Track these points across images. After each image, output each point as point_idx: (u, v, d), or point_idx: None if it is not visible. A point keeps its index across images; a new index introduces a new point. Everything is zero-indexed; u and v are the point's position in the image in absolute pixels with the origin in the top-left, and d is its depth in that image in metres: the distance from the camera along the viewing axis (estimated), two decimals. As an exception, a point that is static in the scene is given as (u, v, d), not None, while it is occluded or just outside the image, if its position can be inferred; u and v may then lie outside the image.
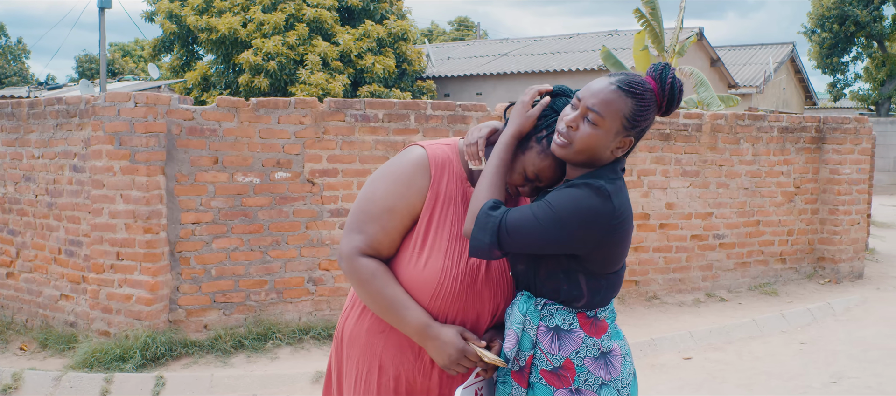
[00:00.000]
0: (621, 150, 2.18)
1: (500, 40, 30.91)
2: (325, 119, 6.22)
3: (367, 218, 2.26)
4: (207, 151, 5.89)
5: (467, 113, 6.70)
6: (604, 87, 2.13)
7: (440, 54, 27.96)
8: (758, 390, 5.44)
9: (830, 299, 7.81)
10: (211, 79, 19.90)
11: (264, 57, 17.94)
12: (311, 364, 5.65)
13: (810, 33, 35.51)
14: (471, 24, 52.60)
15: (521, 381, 2.21)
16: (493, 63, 24.73)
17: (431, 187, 2.25)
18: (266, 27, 18.45)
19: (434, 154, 2.28)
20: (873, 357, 6.10)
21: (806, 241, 8.71)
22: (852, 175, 8.68)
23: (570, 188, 2.12)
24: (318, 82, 17.50)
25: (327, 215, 6.28)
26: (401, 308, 2.22)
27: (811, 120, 8.69)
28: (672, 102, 2.14)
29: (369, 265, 2.24)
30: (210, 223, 5.93)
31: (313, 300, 6.28)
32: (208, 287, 5.96)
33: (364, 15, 20.76)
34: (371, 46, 19.45)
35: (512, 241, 2.10)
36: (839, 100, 38.45)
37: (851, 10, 33.52)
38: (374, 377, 2.32)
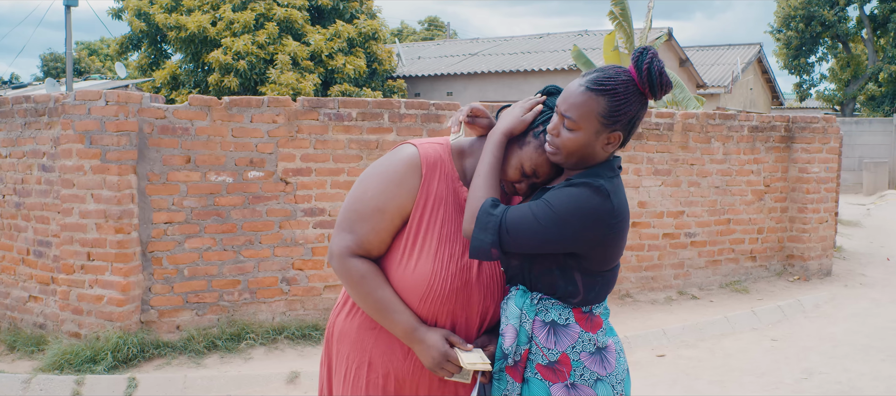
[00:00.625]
0: (612, 146, 2.18)
1: (471, 40, 30.93)
2: (298, 118, 6.19)
3: (357, 218, 2.25)
4: (180, 150, 5.83)
5: (441, 112, 6.69)
6: (573, 91, 2.15)
7: (410, 54, 27.92)
8: (731, 386, 5.49)
9: (800, 296, 7.91)
10: (180, 78, 19.70)
11: (234, 56, 17.80)
12: (285, 365, 5.62)
13: (777, 33, 35.94)
14: (441, 24, 52.59)
15: (516, 376, 2.21)
16: (464, 63, 24.74)
17: (422, 187, 2.24)
18: (236, 26, 18.32)
19: (425, 153, 2.27)
20: (843, 353, 6.19)
21: (776, 239, 8.81)
22: (821, 173, 8.80)
23: (570, 187, 2.12)
24: (289, 82, 17.40)
25: (301, 214, 6.24)
26: (389, 310, 2.23)
27: (780, 119, 8.80)
28: (654, 85, 2.12)
29: (360, 266, 2.23)
30: (182, 222, 5.87)
31: (287, 300, 6.24)
32: (181, 287, 5.90)
33: (334, 14, 20.68)
34: (341, 46, 19.38)
35: (512, 241, 2.10)
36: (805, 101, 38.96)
37: (817, 10, 33.97)
38: (363, 373, 2.32)
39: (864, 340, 6.53)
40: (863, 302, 7.93)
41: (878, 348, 6.32)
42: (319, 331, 6.18)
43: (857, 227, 13.66)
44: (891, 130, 23.46)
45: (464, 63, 24.69)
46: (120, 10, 21.25)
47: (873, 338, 6.59)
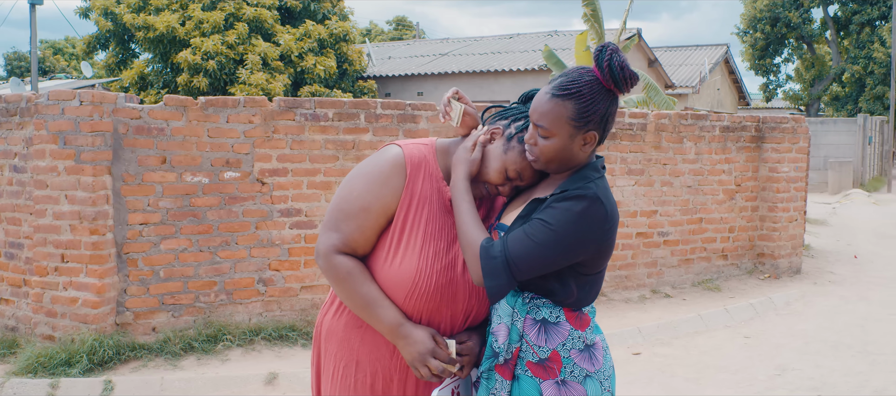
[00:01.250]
0: (590, 145, 2.21)
1: (441, 40, 30.97)
2: (274, 118, 6.16)
3: (343, 217, 2.28)
4: (155, 151, 5.78)
5: (417, 112, 6.70)
6: (541, 100, 2.18)
7: (381, 54, 27.89)
8: (706, 383, 5.56)
9: (771, 294, 8.03)
10: (148, 78, 19.51)
11: (203, 56, 17.66)
12: (262, 366, 5.60)
13: (743, 35, 36.40)
14: (409, 24, 52.58)
15: (506, 374, 2.22)
16: (434, 63, 24.76)
17: (406, 187, 2.27)
18: (205, 26, 18.17)
19: (410, 153, 2.30)
20: (814, 350, 6.29)
21: (746, 238, 8.93)
22: (790, 173, 8.93)
23: (565, 201, 2.13)
24: (259, 82, 17.30)
25: (277, 215, 6.22)
26: (375, 306, 2.25)
27: (751, 119, 8.92)
28: (618, 80, 2.12)
29: (345, 263, 2.26)
30: (158, 223, 5.82)
31: (263, 301, 6.21)
32: (156, 288, 5.85)
33: (304, 15, 20.59)
34: (312, 47, 19.30)
35: (523, 272, 2.13)
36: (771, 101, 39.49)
37: (782, 12, 34.47)
38: (351, 372, 2.33)
39: (835, 337, 6.64)
40: (832, 299, 8.06)
41: (848, 345, 6.43)
42: (296, 332, 6.16)
43: (824, 226, 13.87)
44: (855, 130, 23.84)
45: (434, 63, 24.70)
46: (87, 10, 20.99)
47: (844, 335, 6.70)
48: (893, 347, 6.35)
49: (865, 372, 5.76)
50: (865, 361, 6.01)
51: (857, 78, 32.19)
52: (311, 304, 6.36)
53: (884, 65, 30.20)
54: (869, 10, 32.56)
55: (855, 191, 21.32)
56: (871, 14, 32.41)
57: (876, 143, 26.73)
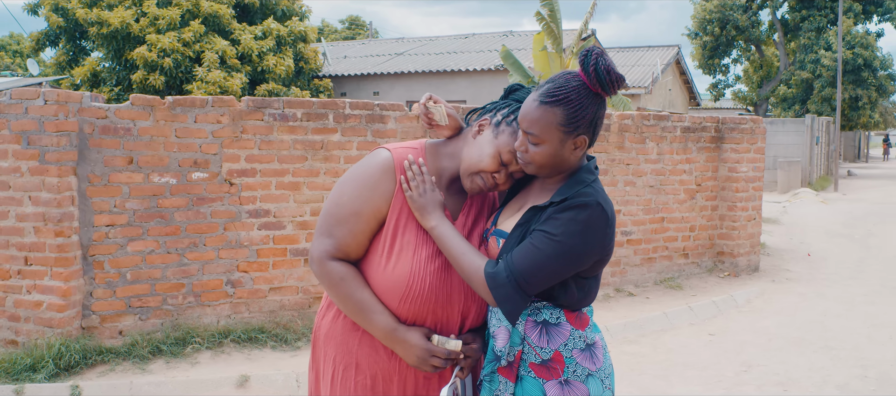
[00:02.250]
0: (580, 149, 2.22)
1: (396, 39, 30.92)
2: (243, 118, 6.10)
3: (335, 222, 2.28)
4: (121, 151, 5.69)
5: (386, 112, 6.69)
6: (530, 107, 2.19)
7: (336, 53, 27.76)
8: (675, 381, 5.65)
9: (732, 292, 8.18)
10: (100, 76, 19.13)
11: (159, 53, 17.37)
12: (233, 368, 5.54)
13: (693, 36, 36.94)
14: (362, 23, 52.45)
15: (509, 376, 2.24)
16: (390, 62, 24.72)
17: (397, 190, 2.28)
18: (161, 22, 17.87)
19: (399, 156, 2.31)
20: (778, 346, 6.42)
21: (707, 237, 9.08)
22: (749, 172, 9.10)
23: (568, 212, 2.14)
24: (216, 80, 17.09)
25: (246, 216, 6.16)
26: (368, 311, 2.26)
27: (711, 120, 9.07)
28: (605, 83, 2.13)
29: (339, 269, 2.27)
30: (125, 225, 5.73)
31: (232, 302, 6.15)
32: (123, 291, 5.76)
33: (262, 12, 20.40)
34: (270, 46, 19.13)
35: (533, 287, 2.14)
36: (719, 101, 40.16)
37: (731, 14, 35.05)
38: (350, 374, 2.34)
39: (797, 333, 6.79)
40: (791, 296, 8.24)
41: (809, 340, 6.58)
42: (266, 334, 6.11)
43: (777, 224, 14.16)
44: (803, 131, 24.36)
45: (390, 62, 24.66)
46: (36, 5, 20.50)
47: (805, 331, 6.85)
48: (853, 343, 6.51)
49: (828, 368, 5.90)
50: (827, 356, 6.16)
51: (805, 80, 32.89)
52: (279, 306, 6.31)
53: (831, 68, 30.90)
54: (816, 16, 33.28)
55: (803, 190, 21.79)
56: (819, 21, 33.14)
57: (822, 144, 27.37)
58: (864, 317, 7.37)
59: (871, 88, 32.05)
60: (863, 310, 7.66)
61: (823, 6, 33.40)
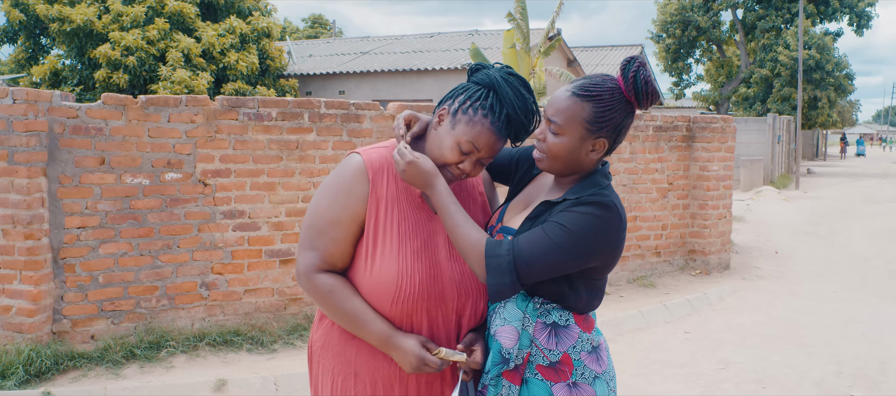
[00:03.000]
0: (596, 153, 2.20)
1: (361, 38, 30.80)
2: (217, 117, 6.00)
3: (316, 234, 2.25)
4: (93, 151, 5.56)
5: (361, 112, 6.63)
6: (561, 97, 2.18)
7: (301, 52, 27.59)
8: (655, 379, 5.66)
9: (705, 290, 8.24)
10: (62, 74, 18.78)
11: (123, 51, 17.07)
12: (209, 372, 5.45)
13: (656, 37, 37.31)
14: (325, 22, 52.21)
15: (515, 379, 2.21)
16: (355, 61, 24.61)
17: (372, 192, 2.24)
18: (124, 19, 17.57)
19: (370, 158, 2.28)
20: (753, 343, 6.47)
21: (678, 235, 9.14)
22: (719, 171, 9.17)
23: (582, 206, 2.11)
24: (182, 79, 16.84)
25: (220, 217, 6.06)
26: (362, 320, 2.21)
27: (682, 119, 9.13)
28: (640, 93, 2.12)
29: (326, 281, 2.23)
30: (96, 227, 5.60)
31: (206, 305, 6.05)
32: (95, 295, 5.63)
33: (226, 10, 20.17)
34: (234, 43, 18.91)
35: (532, 273, 2.09)
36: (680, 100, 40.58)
37: (693, 15, 35.45)
38: (350, 384, 2.29)
39: (771, 330, 6.86)
40: (762, 293, 8.32)
41: (784, 337, 6.64)
42: (241, 337, 6.01)
43: (742, 222, 14.30)
44: (765, 129, 24.67)
45: (355, 61, 24.55)
46: (-7, 1, 20.08)
47: (779, 328, 6.92)
48: (827, 339, 6.59)
49: (804, 364, 5.96)
50: (803, 353, 6.22)
51: (765, 79, 33.33)
52: (254, 308, 6.22)
53: (790, 68, 31.35)
54: (774, 16, 33.76)
55: (766, 188, 22.08)
56: (776, 20, 33.62)
57: (783, 142, 27.76)
58: (835, 314, 7.47)
59: (830, 88, 32.57)
60: (834, 307, 7.75)
61: (780, 6, 33.90)
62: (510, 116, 2.20)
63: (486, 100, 2.20)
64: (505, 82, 2.21)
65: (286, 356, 5.90)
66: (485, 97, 2.20)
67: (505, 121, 2.20)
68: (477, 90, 2.23)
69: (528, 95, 2.23)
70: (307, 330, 6.30)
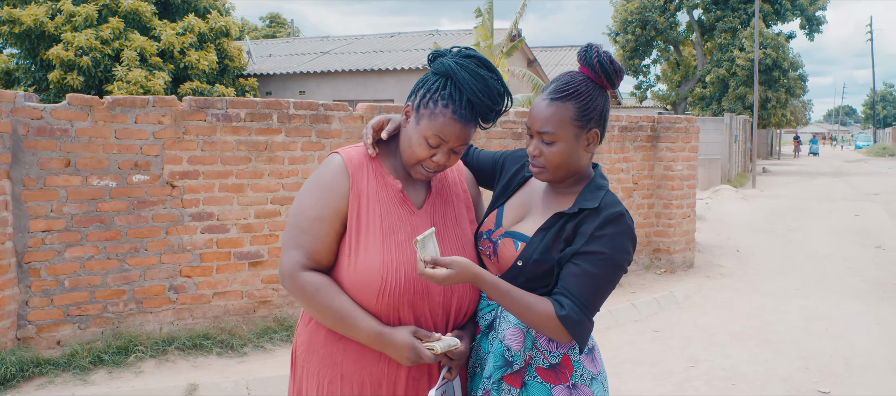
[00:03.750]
0: (593, 145, 2.23)
1: (321, 38, 30.62)
2: (185, 118, 5.92)
3: (299, 232, 2.24)
4: (58, 153, 5.44)
5: (330, 112, 6.58)
6: (541, 107, 2.19)
7: (261, 51, 27.34)
8: (626, 377, 5.70)
9: (671, 288, 8.32)
10: (14, 76, 18.36)
11: (77, 52, 16.73)
12: (179, 377, 5.36)
13: (614, 36, 37.64)
14: (283, 21, 51.84)
15: (515, 382, 2.20)
16: (316, 61, 24.45)
17: (352, 187, 2.24)
18: (77, 19, 17.20)
19: (349, 155, 2.29)
20: (721, 341, 6.55)
21: (643, 234, 9.22)
22: (683, 171, 9.27)
23: (609, 227, 2.13)
24: (138, 80, 16.55)
25: (188, 219, 5.97)
26: (350, 318, 2.19)
27: (647, 119, 9.21)
28: (609, 73, 2.16)
29: (312, 279, 2.20)
30: (62, 230, 5.48)
31: (175, 308, 5.96)
32: (61, 299, 5.51)
33: (183, 9, 19.90)
34: (192, 42, 18.65)
35: (598, 307, 2.16)
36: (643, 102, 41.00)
37: (651, 15, 35.84)
38: (336, 386, 2.26)
39: (738, 327, 6.95)
40: (727, 292, 8.43)
41: (751, 335, 6.73)
42: (211, 340, 5.93)
43: (703, 220, 14.49)
44: (722, 129, 25.03)
45: (316, 61, 24.39)
46: (-58, 0, 19.56)
47: (745, 326, 7.02)
48: (793, 336, 6.69)
49: (771, 361, 6.05)
50: (769, 350, 6.31)
51: (721, 79, 33.80)
52: (224, 311, 6.15)
53: (745, 68, 31.83)
54: (730, 17, 34.27)
55: (723, 187, 22.40)
56: (732, 22, 34.13)
57: (740, 141, 28.18)
58: (799, 311, 7.59)
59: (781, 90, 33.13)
60: (797, 304, 7.89)
61: (737, 7, 34.43)
62: (472, 102, 2.17)
63: (445, 90, 2.18)
64: (460, 68, 2.19)
65: (257, 359, 5.83)
66: (443, 87, 2.19)
67: (467, 107, 2.18)
68: (435, 81, 2.22)
69: (488, 74, 2.20)
70: (277, 332, 6.24)
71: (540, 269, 2.17)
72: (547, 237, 2.18)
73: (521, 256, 2.19)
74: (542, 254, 2.16)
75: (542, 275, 2.17)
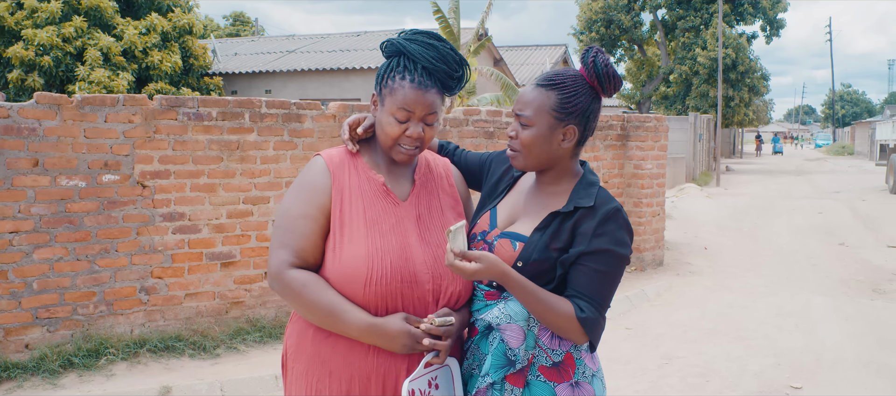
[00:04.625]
0: (568, 141, 2.23)
1: (287, 37, 30.42)
2: (156, 117, 5.83)
3: (285, 232, 2.25)
4: (26, 153, 5.33)
5: (302, 111, 6.53)
6: (526, 90, 2.25)
7: (226, 50, 27.10)
8: (602, 375, 5.72)
9: (640, 286, 8.38)
10: (-28, 74, 18.02)
11: (37, 50, 16.42)
12: (152, 379, 5.29)
13: (580, 35, 37.85)
14: (247, 20, 51.52)
15: (518, 382, 2.20)
16: (282, 60, 24.30)
17: (334, 184, 2.27)
18: (38, 16, 16.91)
19: (329, 154, 2.33)
20: (693, 338, 6.61)
21: (614, 232, 9.25)
22: (653, 170, 9.34)
23: (610, 224, 2.15)
24: (100, 80, 16.30)
25: (159, 219, 5.89)
26: (340, 312, 2.17)
27: (617, 118, 9.26)
28: (601, 77, 2.19)
29: (299, 276, 2.20)
30: (30, 231, 5.37)
31: (146, 310, 5.87)
32: (29, 302, 5.40)
33: (147, 7, 19.65)
34: (155, 41, 18.42)
35: (609, 304, 2.20)
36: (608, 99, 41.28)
37: (615, 15, 36.11)
38: (325, 384, 2.24)
39: (709, 324, 7.01)
40: (697, 289, 8.51)
41: (722, 331, 6.80)
42: (183, 342, 5.86)
43: (669, 219, 14.60)
44: (687, 128, 25.28)
45: (282, 60, 24.24)
46: None
47: (716, 323, 7.08)
48: (763, 332, 6.77)
49: (743, 357, 6.11)
50: (741, 346, 6.38)
51: (685, 78, 34.14)
52: (196, 312, 6.07)
53: (708, 66, 32.19)
54: (692, 16, 34.64)
55: (688, 186, 22.63)
56: (694, 21, 34.50)
57: (704, 140, 28.49)
58: (768, 307, 7.69)
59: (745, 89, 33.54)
60: (767, 301, 7.98)
61: (699, 7, 34.81)
62: (427, 68, 2.23)
63: (400, 66, 2.24)
64: (410, 42, 2.26)
65: (230, 361, 5.77)
66: (397, 64, 2.24)
67: (424, 75, 2.22)
68: (389, 62, 2.28)
69: (439, 43, 2.27)
70: (250, 334, 6.18)
71: (539, 269, 2.17)
72: (545, 236, 2.18)
73: (520, 256, 2.18)
74: (541, 253, 2.17)
75: (541, 274, 2.17)
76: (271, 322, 6.39)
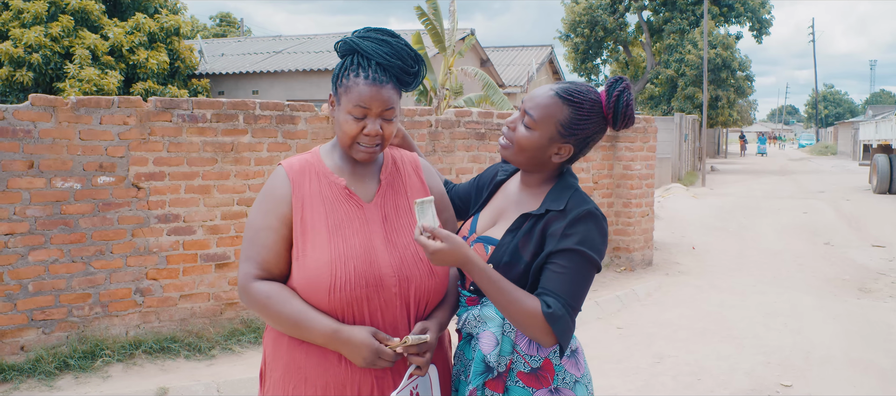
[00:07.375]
0: (559, 157, 2.22)
1: (274, 37, 30.34)
2: (150, 119, 5.84)
3: (249, 244, 2.26)
4: (21, 155, 5.34)
5: (296, 113, 6.56)
6: (543, 93, 2.20)
7: (212, 51, 26.99)
8: (594, 374, 5.75)
9: (630, 286, 8.45)
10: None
11: (26, 49, 16.36)
12: (149, 381, 5.30)
13: (565, 38, 38.00)
14: (233, 21, 51.30)
15: (497, 387, 2.19)
16: (269, 60, 24.23)
17: (294, 192, 2.26)
18: (25, 16, 16.84)
19: (289, 163, 2.33)
20: (684, 337, 6.68)
21: (604, 233, 9.33)
22: (642, 171, 9.42)
23: (581, 224, 2.13)
24: (90, 78, 16.25)
25: (154, 221, 5.90)
26: (305, 320, 2.17)
27: (606, 119, 9.31)
28: (618, 113, 2.18)
29: (263, 288, 2.21)
30: (26, 233, 5.38)
31: (141, 312, 5.88)
32: (25, 304, 5.40)
33: (133, 7, 19.58)
34: (142, 41, 18.36)
35: (581, 304, 2.12)
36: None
37: (600, 16, 36.27)
38: (301, 390, 2.23)
39: (700, 324, 7.09)
40: (686, 289, 8.58)
41: (713, 331, 6.87)
42: (178, 343, 5.87)
43: (657, 219, 14.69)
44: (672, 128, 25.43)
45: (269, 61, 24.17)
46: None
47: (707, 322, 7.16)
48: (754, 332, 6.85)
49: (734, 356, 6.18)
50: (732, 345, 6.45)
51: (670, 79, 34.36)
52: (191, 313, 6.08)
53: (694, 67, 32.41)
54: (678, 19, 34.86)
55: (674, 186, 22.76)
56: (680, 23, 34.72)
57: (689, 140, 28.66)
58: (757, 307, 7.77)
59: (730, 90, 33.79)
60: (755, 300, 8.07)
61: (685, 9, 35.03)
62: (381, 64, 2.21)
63: (353, 64, 2.22)
64: (364, 39, 2.23)
65: (225, 361, 5.79)
66: (352, 62, 2.22)
67: (378, 71, 2.20)
68: (343, 61, 2.26)
69: (393, 40, 2.24)
70: (245, 334, 6.20)
71: (511, 272, 2.16)
72: (516, 238, 2.18)
73: (491, 259, 2.18)
74: (511, 256, 2.16)
75: (513, 278, 2.16)
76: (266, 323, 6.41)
